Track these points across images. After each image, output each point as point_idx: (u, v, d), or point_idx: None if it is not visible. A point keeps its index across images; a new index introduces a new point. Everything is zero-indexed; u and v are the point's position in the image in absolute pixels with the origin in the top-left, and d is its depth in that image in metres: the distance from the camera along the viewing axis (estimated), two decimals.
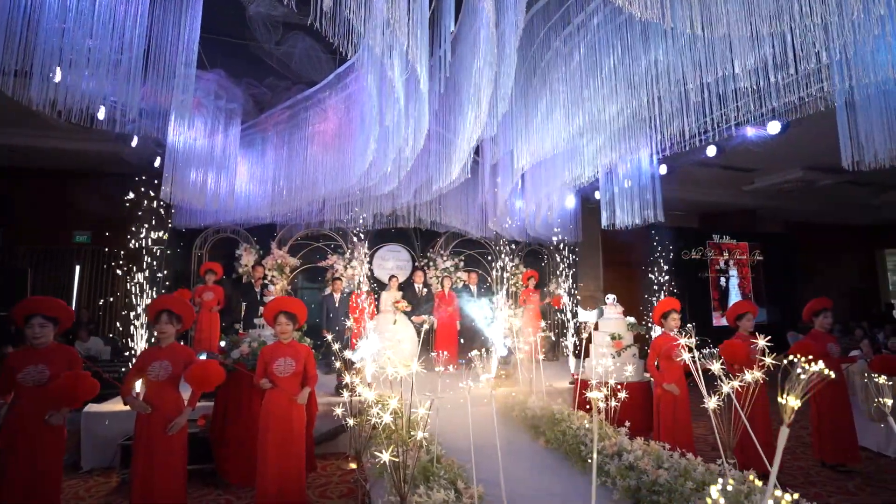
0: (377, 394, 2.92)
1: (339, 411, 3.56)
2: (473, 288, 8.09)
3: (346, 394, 3.56)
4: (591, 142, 3.91)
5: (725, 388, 2.75)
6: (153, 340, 5.93)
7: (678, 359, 4.11)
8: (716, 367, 2.62)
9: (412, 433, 2.31)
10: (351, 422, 3.59)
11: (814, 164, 9.64)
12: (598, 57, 3.37)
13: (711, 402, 2.73)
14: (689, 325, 2.73)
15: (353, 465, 4.25)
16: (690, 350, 2.81)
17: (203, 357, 4.39)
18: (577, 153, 4.15)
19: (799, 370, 1.24)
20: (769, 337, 2.71)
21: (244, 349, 4.40)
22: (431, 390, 2.68)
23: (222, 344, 4.93)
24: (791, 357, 1.58)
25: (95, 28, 3.14)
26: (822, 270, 14.16)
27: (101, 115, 5.58)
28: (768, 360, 2.75)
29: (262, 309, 5.43)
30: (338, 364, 4.98)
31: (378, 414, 2.30)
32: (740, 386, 2.77)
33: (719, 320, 11.45)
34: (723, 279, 11.94)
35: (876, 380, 1.91)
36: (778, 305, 12.28)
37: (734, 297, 11.98)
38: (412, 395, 2.31)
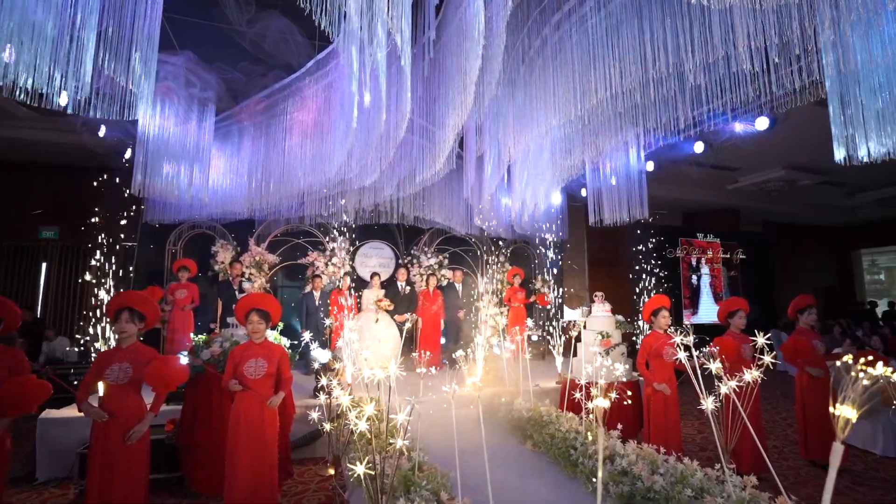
0: (353, 398, 2.72)
1: (314, 415, 3.35)
2: (459, 286, 7.91)
3: (322, 396, 3.35)
4: (581, 132, 3.77)
5: (723, 389, 2.63)
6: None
7: (673, 358, 4.01)
8: (714, 366, 2.49)
9: (391, 441, 2.12)
10: (327, 427, 3.39)
11: (795, 163, 9.76)
12: (589, 42, 3.22)
13: (708, 404, 2.60)
14: (686, 323, 2.57)
15: (332, 472, 4.05)
16: (687, 349, 2.67)
17: (184, 359, 4.12)
18: (567, 143, 4.01)
19: (859, 373, 1.05)
20: (768, 335, 2.59)
21: (215, 349, 4.14)
22: (413, 393, 2.49)
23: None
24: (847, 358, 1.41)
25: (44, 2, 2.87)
26: (799, 270, 14.40)
27: (62, 100, 5.24)
28: (767, 359, 2.64)
29: None
30: (315, 365, 4.76)
31: (355, 419, 2.11)
32: (737, 387, 2.65)
33: (689, 318, 11.52)
34: (694, 277, 11.99)
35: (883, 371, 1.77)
36: (756, 304, 12.41)
37: (705, 295, 12.05)
38: (390, 399, 2.11)
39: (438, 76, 3.45)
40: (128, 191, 5.65)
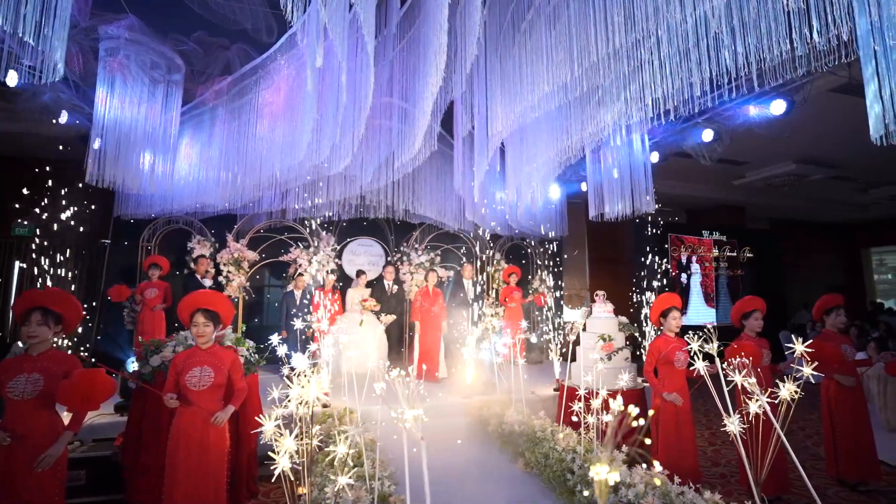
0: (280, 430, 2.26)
1: (267, 426, 2.88)
2: (468, 283, 7.25)
3: (278, 409, 2.87)
4: (579, 104, 3.29)
5: (753, 407, 2.15)
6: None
7: (686, 365, 3.53)
8: (748, 380, 2.01)
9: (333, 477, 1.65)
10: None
11: (806, 156, 9.28)
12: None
13: (734, 424, 2.13)
14: (709, 326, 2.10)
15: (302, 491, 3.59)
16: (708, 358, 2.20)
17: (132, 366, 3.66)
18: (564, 121, 3.52)
19: None
20: (809, 341, 2.11)
21: (166, 355, 3.67)
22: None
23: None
24: None
25: None
26: (807, 268, 13.91)
27: (11, 80, 4.77)
28: (807, 371, 2.16)
29: None
30: (285, 370, 4.29)
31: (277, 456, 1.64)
32: (767, 403, 2.17)
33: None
34: (684, 276, 11.42)
35: None
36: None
37: (695, 295, 11.46)
38: (311, 431, 1.63)
39: (409, 41, 2.98)
40: (101, 183, 5.18)
